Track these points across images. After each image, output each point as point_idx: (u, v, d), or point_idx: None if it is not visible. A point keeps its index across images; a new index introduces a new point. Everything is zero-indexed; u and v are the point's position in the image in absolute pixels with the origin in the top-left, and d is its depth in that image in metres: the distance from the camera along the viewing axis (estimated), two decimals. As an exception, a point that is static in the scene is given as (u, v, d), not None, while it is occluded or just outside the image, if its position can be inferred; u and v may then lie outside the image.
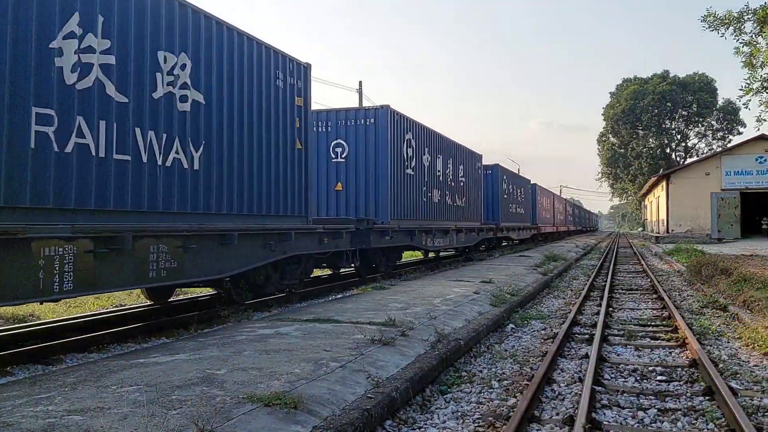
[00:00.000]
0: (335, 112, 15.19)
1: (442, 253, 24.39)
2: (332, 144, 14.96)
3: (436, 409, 5.13)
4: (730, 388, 5.31)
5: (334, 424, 4.00)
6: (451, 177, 20.10)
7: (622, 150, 72.07)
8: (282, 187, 10.06)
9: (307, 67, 10.89)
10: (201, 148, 8.18)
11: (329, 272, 15.91)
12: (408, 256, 23.93)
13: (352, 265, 13.64)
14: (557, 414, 5.00)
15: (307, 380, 4.76)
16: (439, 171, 18.76)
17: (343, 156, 14.84)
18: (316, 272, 15.23)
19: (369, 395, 4.66)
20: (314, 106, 12.09)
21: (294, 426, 3.87)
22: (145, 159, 7.20)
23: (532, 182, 37.80)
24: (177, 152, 7.74)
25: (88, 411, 3.91)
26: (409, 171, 16.05)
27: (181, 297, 11.91)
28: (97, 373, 5.03)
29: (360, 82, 21.30)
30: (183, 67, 7.85)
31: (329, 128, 15.02)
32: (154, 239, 7.31)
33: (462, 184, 21.43)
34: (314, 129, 14.20)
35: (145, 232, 7.13)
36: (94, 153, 6.50)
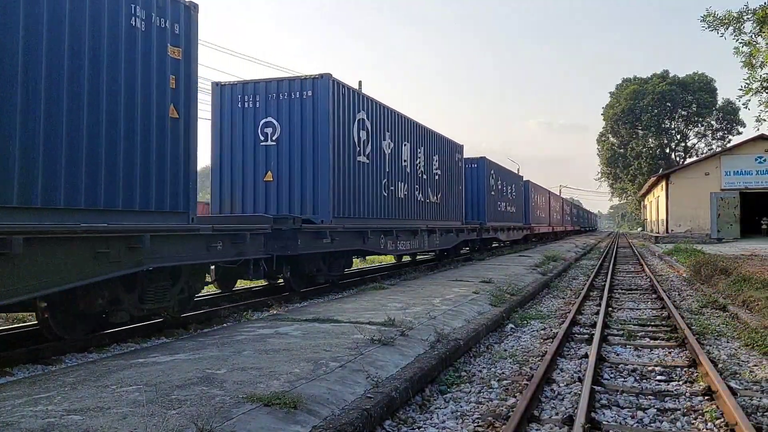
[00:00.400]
0: (264, 83, 12.33)
1: (418, 257, 22.12)
2: (261, 123, 12.20)
3: (436, 408, 5.13)
4: (730, 388, 5.31)
5: (334, 423, 4.00)
6: (422, 168, 17.25)
7: (621, 150, 72.12)
8: (141, 170, 7.15)
9: (189, 7, 7.95)
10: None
11: (219, 291, 11.90)
12: (372, 261, 22.02)
13: (264, 276, 10.48)
14: (557, 414, 5.00)
15: (307, 380, 4.77)
16: (405, 161, 15.88)
17: (274, 138, 12.13)
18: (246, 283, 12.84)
19: (368, 395, 4.66)
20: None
21: (293, 426, 3.87)
22: None
23: (524, 179, 36.04)
24: None
25: (87, 411, 3.91)
26: (362, 159, 13.23)
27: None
28: (97, 372, 5.03)
29: (359, 82, 21.16)
30: None
31: (257, 103, 12.29)
32: None
33: (437, 177, 18.63)
34: (238, 105, 12.32)
35: None
36: None
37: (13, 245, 5.32)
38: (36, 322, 7.86)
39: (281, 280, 12.28)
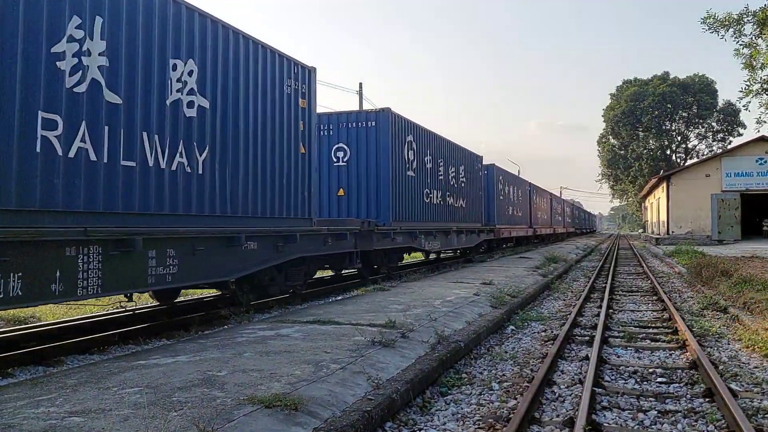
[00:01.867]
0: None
1: (441, 255, 24.32)
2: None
3: (437, 410, 5.14)
4: (731, 390, 5.32)
5: (335, 425, 4.01)
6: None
7: (622, 151, 72.12)
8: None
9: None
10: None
11: (331, 274, 15.86)
12: (406, 257, 23.80)
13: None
14: (557, 416, 5.01)
15: (308, 382, 4.77)
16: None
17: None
18: (320, 273, 15.18)
19: (369, 397, 4.67)
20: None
21: (294, 428, 3.88)
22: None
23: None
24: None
25: (89, 412, 3.92)
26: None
27: (185, 298, 11.92)
28: (98, 374, 5.03)
29: (360, 84, 21.26)
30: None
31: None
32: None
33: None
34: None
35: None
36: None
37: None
38: (45, 323, 8.66)
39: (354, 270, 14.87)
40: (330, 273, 15.96)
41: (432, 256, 23.57)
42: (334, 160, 14.95)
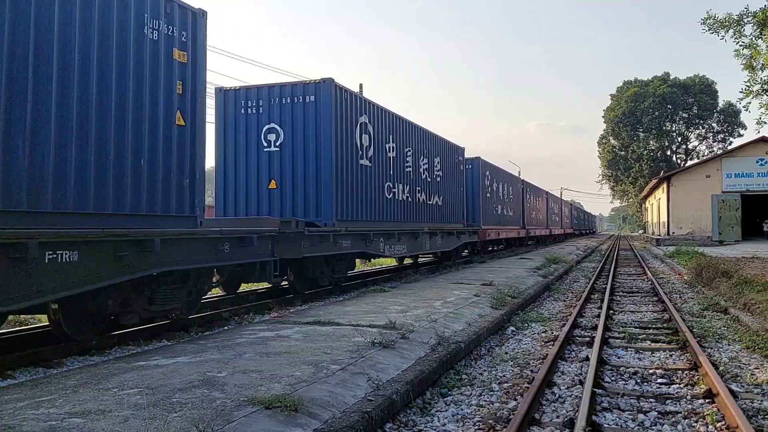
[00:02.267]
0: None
1: (420, 259, 22.40)
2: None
3: (437, 411, 5.14)
4: (731, 391, 5.32)
5: (335, 426, 4.01)
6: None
7: (622, 152, 72.15)
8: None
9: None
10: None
11: (222, 294, 11.97)
12: (374, 264, 21.86)
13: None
14: (557, 417, 5.00)
15: (308, 383, 4.77)
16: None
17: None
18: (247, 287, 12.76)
19: (369, 398, 4.67)
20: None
21: (294, 429, 3.88)
22: None
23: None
24: None
25: (89, 414, 3.92)
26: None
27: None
28: (98, 375, 5.04)
29: (360, 85, 21.15)
30: None
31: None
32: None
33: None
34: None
35: None
36: None
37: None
38: (46, 324, 7.92)
39: (285, 283, 12.19)
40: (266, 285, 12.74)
41: (408, 260, 21.92)
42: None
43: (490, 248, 28.52)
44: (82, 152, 6.38)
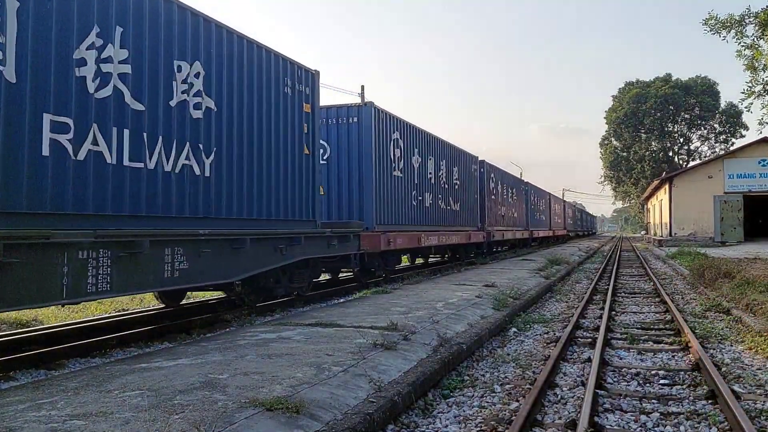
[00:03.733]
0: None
1: (431, 259, 23.53)
2: None
3: (439, 413, 5.13)
4: (733, 392, 5.30)
5: (336, 428, 4.00)
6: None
7: (624, 153, 72.08)
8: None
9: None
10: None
11: (328, 277, 15.71)
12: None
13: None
14: (560, 418, 4.99)
15: (310, 384, 4.77)
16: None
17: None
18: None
19: (371, 399, 4.66)
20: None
21: (296, 430, 3.87)
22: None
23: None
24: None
25: (90, 416, 3.92)
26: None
27: (191, 300, 11.96)
28: (100, 377, 5.04)
29: (362, 87, 21.15)
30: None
31: None
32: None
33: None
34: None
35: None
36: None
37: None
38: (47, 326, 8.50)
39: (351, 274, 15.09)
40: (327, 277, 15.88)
41: (420, 260, 23.12)
42: None
43: (495, 249, 28.77)
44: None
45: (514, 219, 30.15)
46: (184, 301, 11.20)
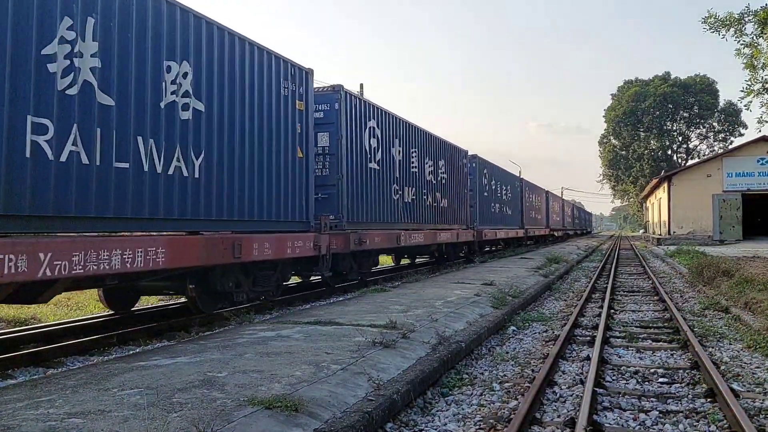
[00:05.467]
0: None
1: (417, 260, 22.06)
2: None
3: (437, 411, 5.13)
4: (732, 390, 5.30)
5: (335, 426, 4.00)
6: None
7: (623, 152, 72.10)
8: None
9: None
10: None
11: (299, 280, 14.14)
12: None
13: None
14: (558, 416, 4.99)
15: (308, 383, 4.76)
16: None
17: None
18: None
19: (370, 398, 4.66)
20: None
21: (295, 429, 3.87)
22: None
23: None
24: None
25: (88, 414, 3.91)
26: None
27: (144, 306, 10.87)
28: (98, 375, 5.03)
29: (361, 85, 21.15)
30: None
31: None
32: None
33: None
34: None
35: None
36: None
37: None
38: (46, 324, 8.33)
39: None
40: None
41: (405, 261, 21.81)
42: None
43: (487, 248, 27.57)
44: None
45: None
46: (136, 307, 10.12)
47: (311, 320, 7.89)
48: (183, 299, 10.22)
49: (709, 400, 5.35)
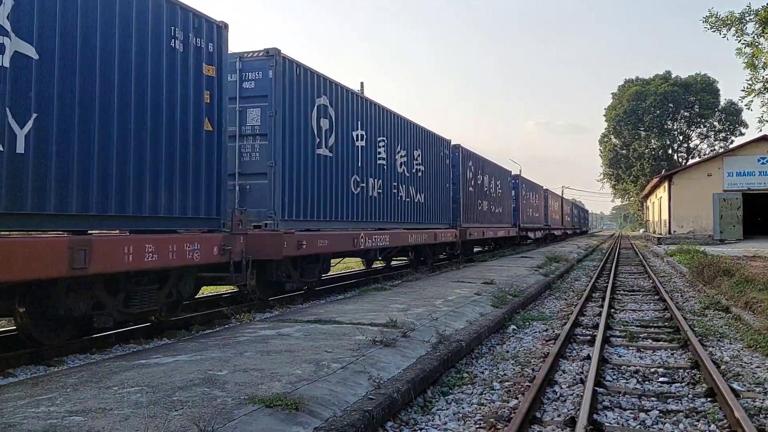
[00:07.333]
0: None
1: (393, 263, 19.86)
2: None
3: (438, 410, 5.13)
4: (732, 390, 5.30)
5: (336, 425, 4.00)
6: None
7: (624, 151, 72.05)
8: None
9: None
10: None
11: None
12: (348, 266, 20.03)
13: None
14: (559, 415, 4.99)
15: (309, 381, 4.76)
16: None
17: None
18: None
19: (370, 396, 4.66)
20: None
21: (295, 427, 3.87)
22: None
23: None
24: None
25: (89, 412, 3.92)
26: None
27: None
28: (99, 374, 5.03)
29: (361, 83, 21.10)
30: None
31: None
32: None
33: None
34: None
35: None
36: None
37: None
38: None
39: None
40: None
41: (378, 263, 19.38)
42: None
43: (475, 249, 25.72)
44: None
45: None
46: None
47: (311, 319, 7.89)
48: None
49: (709, 399, 5.35)
